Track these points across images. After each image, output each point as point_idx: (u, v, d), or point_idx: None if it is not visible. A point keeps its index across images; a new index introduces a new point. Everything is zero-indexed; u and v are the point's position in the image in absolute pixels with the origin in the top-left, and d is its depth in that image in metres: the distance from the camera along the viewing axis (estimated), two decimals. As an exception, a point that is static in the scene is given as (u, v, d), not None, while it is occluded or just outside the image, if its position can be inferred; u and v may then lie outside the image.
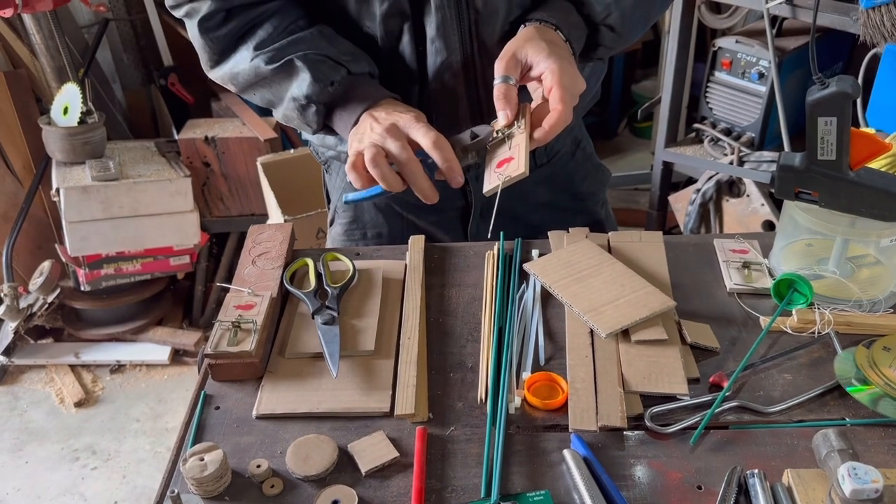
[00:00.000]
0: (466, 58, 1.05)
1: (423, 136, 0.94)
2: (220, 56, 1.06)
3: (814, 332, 0.95)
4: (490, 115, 1.10)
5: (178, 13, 1.06)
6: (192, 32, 1.05)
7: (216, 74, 1.08)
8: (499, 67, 0.96)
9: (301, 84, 1.01)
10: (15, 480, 2.24)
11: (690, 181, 2.60)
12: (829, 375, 0.89)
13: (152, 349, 2.63)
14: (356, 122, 1.01)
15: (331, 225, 1.35)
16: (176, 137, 2.61)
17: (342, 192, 1.29)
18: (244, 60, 1.03)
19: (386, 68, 1.07)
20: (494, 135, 0.99)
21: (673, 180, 2.64)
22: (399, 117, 0.97)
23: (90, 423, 2.42)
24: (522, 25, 1.01)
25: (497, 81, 0.96)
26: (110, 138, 2.55)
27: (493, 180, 0.95)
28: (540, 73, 0.95)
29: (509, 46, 0.97)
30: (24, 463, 2.29)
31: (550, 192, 1.28)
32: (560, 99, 0.92)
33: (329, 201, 1.36)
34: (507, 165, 0.95)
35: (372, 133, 0.96)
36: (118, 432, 2.38)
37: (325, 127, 1.07)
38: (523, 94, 1.00)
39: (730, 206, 2.41)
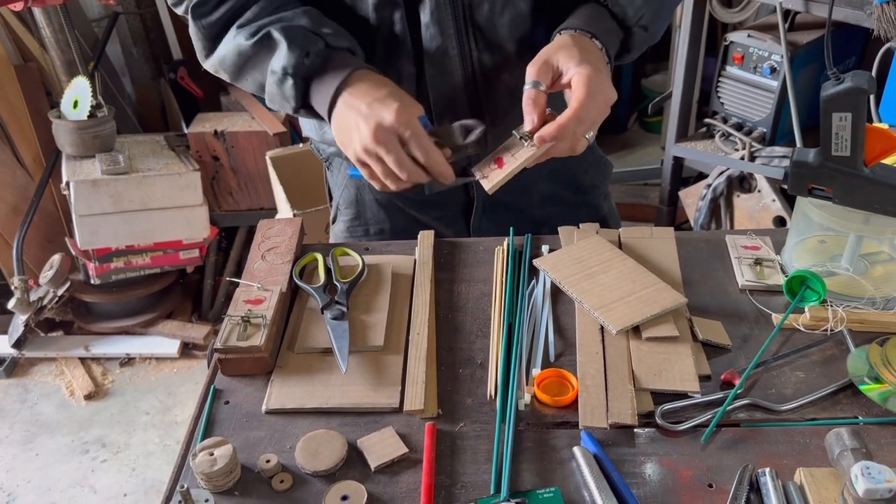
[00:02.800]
0: (462, 42, 1.05)
1: (416, 149, 0.94)
2: (212, 42, 1.04)
3: (826, 330, 0.94)
4: (486, 100, 1.10)
5: (178, 10, 1.05)
6: (189, 22, 1.04)
7: (209, 63, 1.07)
8: (530, 72, 0.96)
9: (279, 56, 0.98)
10: (25, 472, 2.25)
11: (701, 176, 2.59)
12: (842, 373, 0.88)
13: (162, 342, 2.64)
14: (333, 104, 0.98)
15: (333, 222, 1.34)
16: (185, 131, 2.62)
17: (344, 189, 1.28)
18: (229, 40, 1.02)
19: (382, 55, 1.06)
20: (515, 135, 0.99)
21: (683, 175, 2.62)
22: (381, 112, 0.94)
23: (100, 416, 2.43)
24: (557, 33, 1.00)
25: (527, 86, 0.95)
26: (120, 132, 2.56)
27: (479, 171, 0.99)
28: (570, 80, 0.95)
29: (542, 53, 0.97)
30: (34, 455, 2.31)
31: (553, 185, 1.27)
32: (579, 102, 0.92)
33: (331, 199, 1.35)
34: (496, 169, 0.97)
35: (360, 135, 0.95)
36: (128, 425, 2.39)
37: (306, 106, 1.03)
38: (560, 102, 0.98)
39: (741, 201, 2.40)
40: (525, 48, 1.07)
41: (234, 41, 1.01)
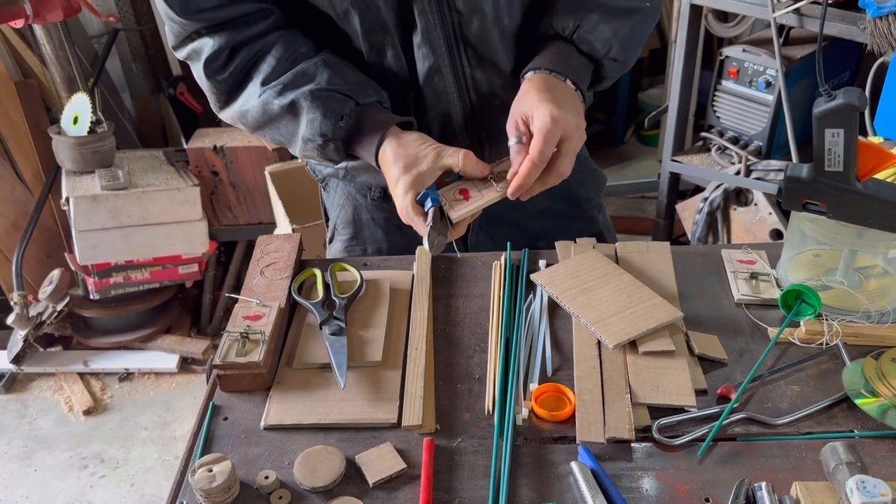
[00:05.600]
0: (454, 60, 1.06)
1: (450, 157, 0.97)
2: (228, 96, 1.06)
3: (822, 344, 0.95)
4: (482, 116, 1.11)
5: (180, 55, 1.06)
6: (198, 74, 1.06)
7: (226, 115, 1.09)
8: (508, 130, 0.98)
9: (312, 124, 1.01)
10: (24, 488, 2.25)
11: (698, 189, 2.60)
12: (838, 387, 0.89)
13: (160, 357, 2.64)
14: (378, 152, 1.01)
15: (330, 242, 1.35)
16: (185, 146, 2.63)
17: (341, 209, 1.29)
18: (253, 97, 1.04)
19: (377, 79, 1.07)
20: (489, 175, 0.99)
21: (680, 188, 2.64)
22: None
23: (98, 431, 2.43)
24: (522, 77, 1.02)
25: (510, 143, 0.97)
26: (119, 147, 2.57)
27: (443, 196, 0.98)
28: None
29: (512, 107, 0.99)
30: (32, 471, 2.30)
31: (548, 199, 1.27)
32: (537, 149, 0.93)
33: (327, 219, 1.36)
34: (462, 201, 0.97)
35: (398, 192, 0.97)
36: (126, 440, 2.39)
37: (349, 158, 1.07)
38: None
39: (737, 214, 2.41)
40: (518, 63, 1.08)
41: (261, 99, 1.03)
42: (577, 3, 1.04)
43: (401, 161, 0.97)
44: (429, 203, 0.96)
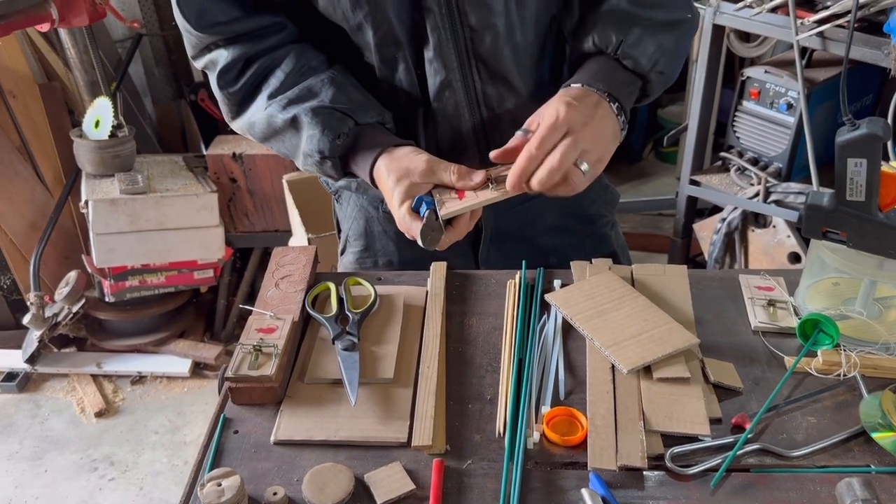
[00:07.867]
0: (466, 75, 1.06)
1: (443, 172, 0.97)
2: (238, 107, 1.08)
3: (839, 375, 0.93)
4: (492, 131, 1.11)
5: (198, 64, 1.08)
6: (213, 85, 1.08)
7: (237, 125, 1.10)
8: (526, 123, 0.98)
9: (311, 140, 1.02)
10: (34, 489, 2.26)
11: (716, 208, 2.59)
12: (855, 420, 0.87)
13: (173, 361, 2.65)
14: (372, 170, 1.01)
15: (342, 254, 1.35)
16: (204, 153, 2.65)
17: (353, 221, 1.30)
18: (260, 110, 1.05)
19: (388, 93, 1.08)
20: (488, 178, 0.98)
21: (698, 206, 2.62)
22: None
23: (109, 434, 2.44)
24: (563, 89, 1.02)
25: (516, 133, 0.97)
26: (140, 152, 2.59)
27: (438, 193, 0.97)
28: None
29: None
30: (43, 471, 2.31)
31: (559, 215, 1.27)
32: (537, 138, 0.92)
33: (340, 230, 1.36)
34: (455, 199, 0.96)
35: (394, 203, 0.98)
36: (137, 444, 2.40)
37: (347, 175, 1.08)
38: None
39: (755, 236, 2.39)
40: (529, 79, 1.09)
41: (266, 112, 1.04)
42: (619, 17, 1.03)
43: (394, 174, 0.98)
44: (424, 208, 0.96)
